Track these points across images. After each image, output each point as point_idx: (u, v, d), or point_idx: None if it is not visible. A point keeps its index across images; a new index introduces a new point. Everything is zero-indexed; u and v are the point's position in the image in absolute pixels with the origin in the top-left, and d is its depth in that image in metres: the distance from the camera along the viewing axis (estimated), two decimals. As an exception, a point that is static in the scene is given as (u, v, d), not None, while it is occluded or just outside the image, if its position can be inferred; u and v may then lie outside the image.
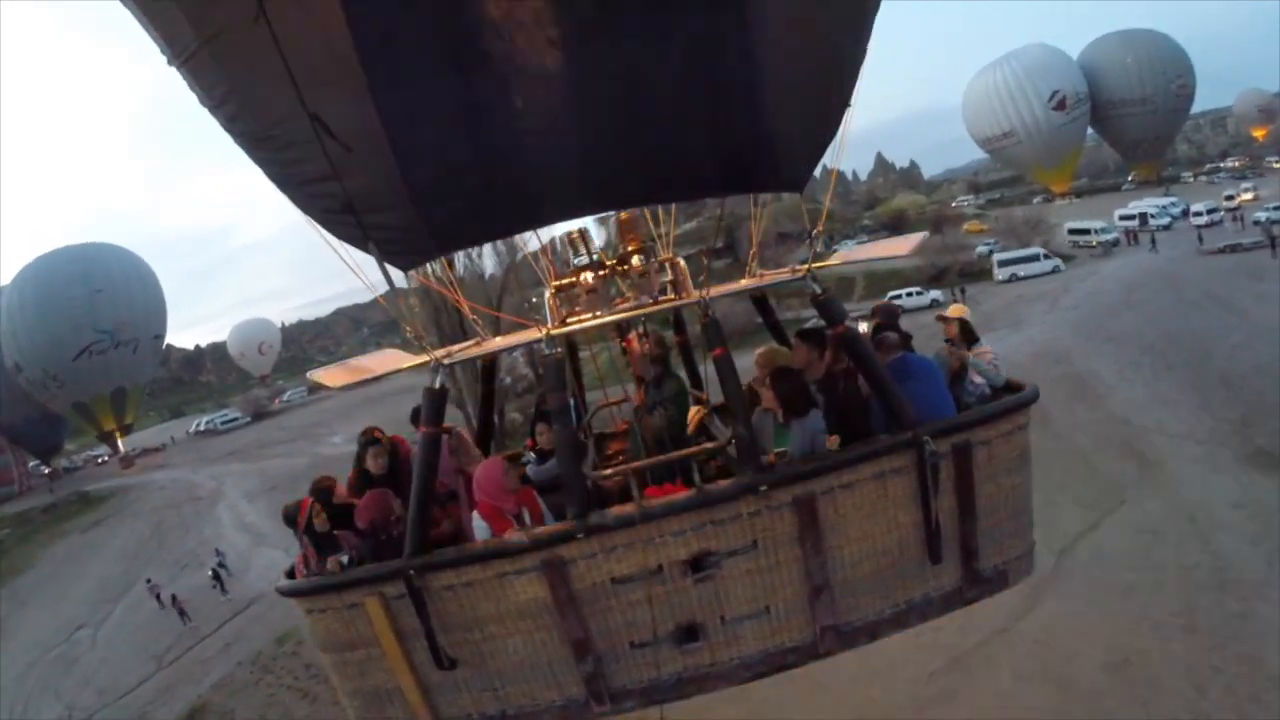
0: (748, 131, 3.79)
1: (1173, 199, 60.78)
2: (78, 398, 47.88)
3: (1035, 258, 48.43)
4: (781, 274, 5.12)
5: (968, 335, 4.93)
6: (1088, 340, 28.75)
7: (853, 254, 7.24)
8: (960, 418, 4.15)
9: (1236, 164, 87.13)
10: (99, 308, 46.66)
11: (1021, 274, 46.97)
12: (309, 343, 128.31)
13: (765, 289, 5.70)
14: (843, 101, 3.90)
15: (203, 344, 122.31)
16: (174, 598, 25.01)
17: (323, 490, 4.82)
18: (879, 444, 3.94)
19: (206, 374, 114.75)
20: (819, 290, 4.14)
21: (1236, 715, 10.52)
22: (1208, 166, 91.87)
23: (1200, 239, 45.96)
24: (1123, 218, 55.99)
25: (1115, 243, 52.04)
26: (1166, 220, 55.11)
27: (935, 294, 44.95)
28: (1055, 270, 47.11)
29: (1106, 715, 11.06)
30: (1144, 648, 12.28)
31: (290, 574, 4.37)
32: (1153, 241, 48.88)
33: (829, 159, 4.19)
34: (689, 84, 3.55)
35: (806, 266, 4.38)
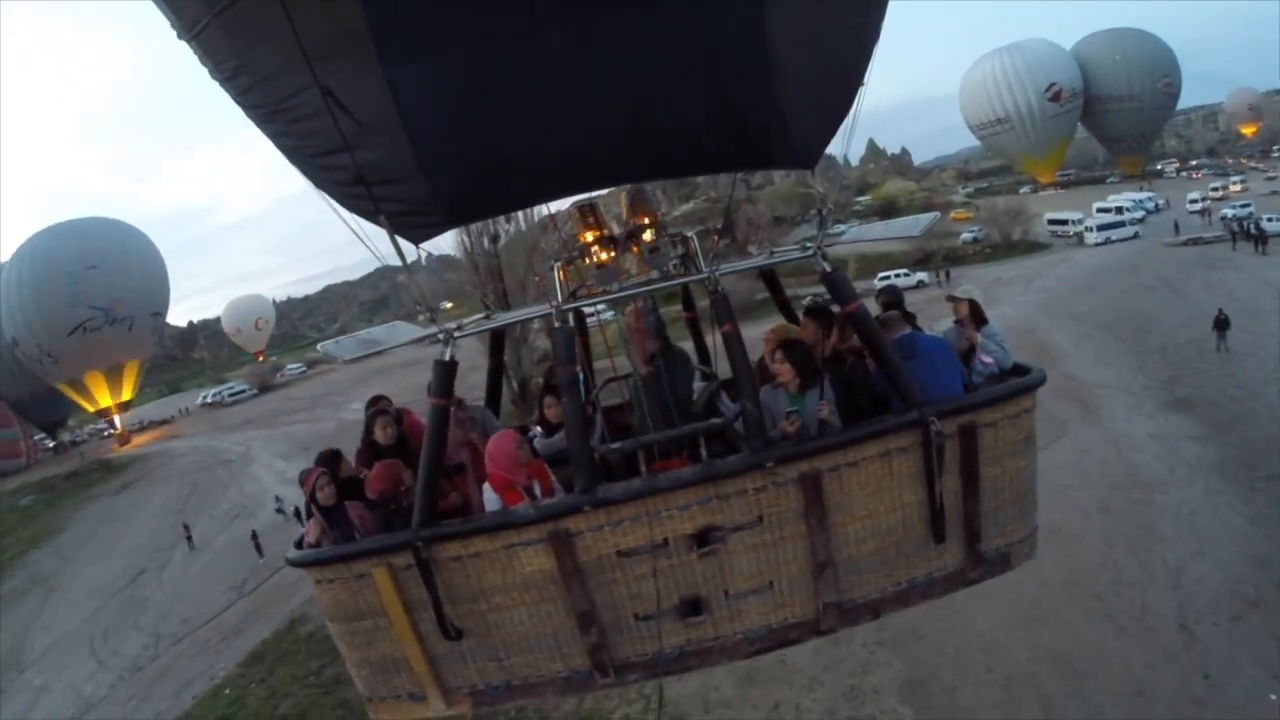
0: (758, 107, 3.76)
1: (1149, 194, 64.19)
2: (73, 374, 47.55)
3: (1122, 224, 53.80)
4: (791, 250, 5.10)
5: (977, 316, 4.88)
6: (1053, 317, 33.49)
7: (864, 233, 7.22)
8: (967, 399, 4.14)
9: (1208, 161, 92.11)
10: (93, 284, 46.04)
11: (1114, 238, 52.09)
12: (300, 319, 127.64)
13: (774, 265, 5.68)
14: (856, 80, 3.88)
15: (194, 320, 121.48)
16: (253, 534, 25.77)
17: (329, 459, 4.84)
18: (885, 422, 3.93)
19: (199, 350, 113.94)
20: (828, 268, 4.11)
21: (1136, 560, 15.21)
22: (1192, 163, 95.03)
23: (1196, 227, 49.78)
24: (1100, 210, 59.06)
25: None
26: (1141, 214, 59.19)
27: (921, 275, 49.55)
28: (1135, 236, 52.12)
29: (1039, 559, 15.11)
30: (1070, 520, 16.13)
31: (299, 544, 4.40)
32: (1175, 227, 51.64)
33: (840, 138, 4.16)
34: (699, 59, 3.53)
35: (816, 244, 4.36)
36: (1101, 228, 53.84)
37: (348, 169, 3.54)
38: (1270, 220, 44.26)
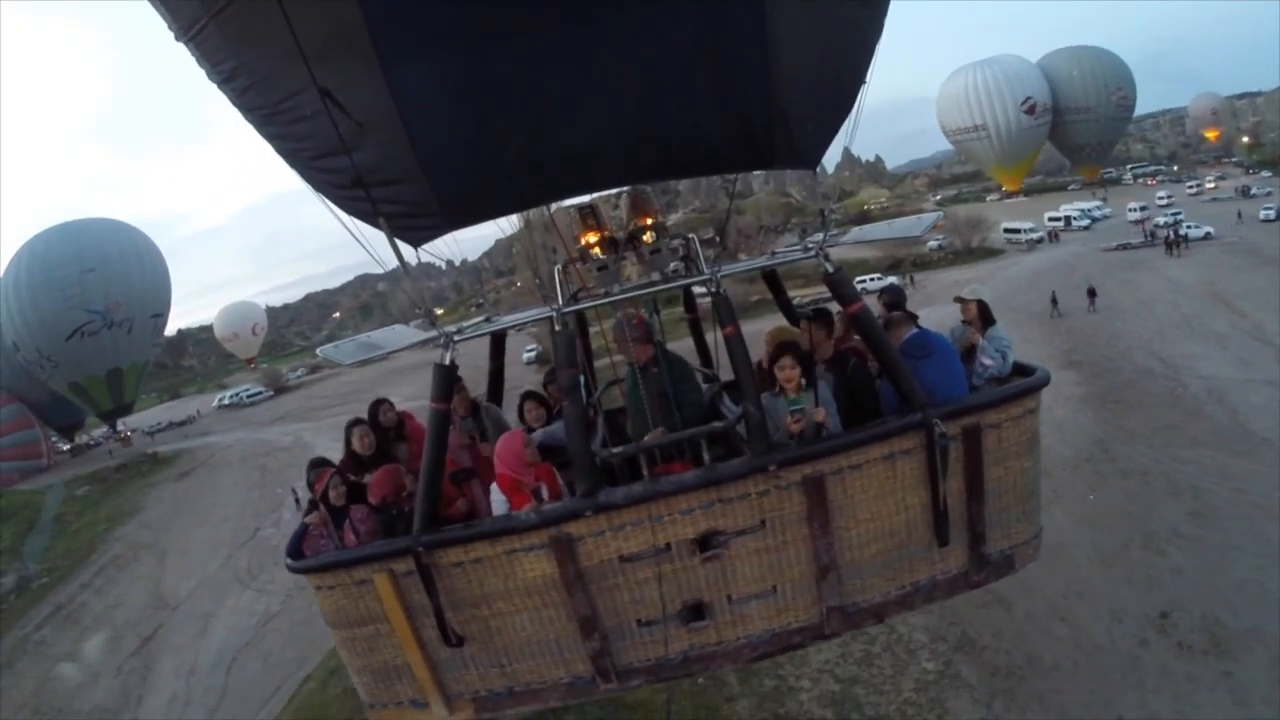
0: (761, 107, 3.75)
1: (1098, 203, 70.87)
2: (73, 378, 46.06)
3: (1147, 206, 63.20)
4: (794, 251, 5.05)
5: (985, 317, 4.86)
6: (994, 309, 35.22)
7: (867, 233, 7.19)
8: (971, 400, 4.10)
9: (1164, 168, 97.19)
10: (90, 288, 44.60)
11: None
12: (285, 327, 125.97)
13: (776, 266, 5.60)
14: (858, 78, 3.86)
15: (181, 328, 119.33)
16: None
17: (320, 467, 4.76)
18: (889, 425, 3.89)
19: (189, 358, 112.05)
20: (831, 269, 4.05)
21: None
22: (1150, 169, 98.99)
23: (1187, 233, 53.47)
24: (1051, 219, 66.77)
25: (1040, 240, 62.77)
26: (1087, 222, 66.78)
27: (892, 279, 52.71)
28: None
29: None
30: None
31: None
32: (1174, 232, 54.08)
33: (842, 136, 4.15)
34: (702, 59, 3.52)
35: (820, 245, 4.31)
36: (1142, 208, 64.09)
37: (346, 171, 3.49)
38: (1191, 227, 51.64)
